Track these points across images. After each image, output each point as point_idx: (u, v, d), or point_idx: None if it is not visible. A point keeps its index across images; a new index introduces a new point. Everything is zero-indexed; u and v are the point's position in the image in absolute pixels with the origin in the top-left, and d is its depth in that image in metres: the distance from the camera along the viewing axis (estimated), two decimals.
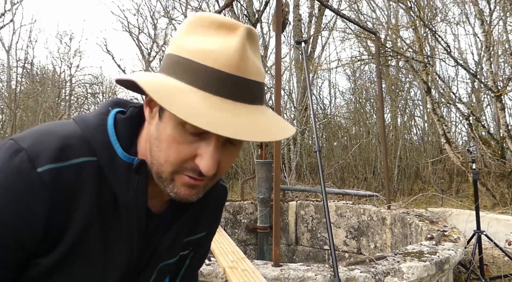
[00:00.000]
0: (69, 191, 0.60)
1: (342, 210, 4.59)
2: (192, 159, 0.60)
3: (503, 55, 7.72)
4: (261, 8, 10.45)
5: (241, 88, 0.59)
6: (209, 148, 0.59)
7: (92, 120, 0.66)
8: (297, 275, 2.16)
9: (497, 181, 6.85)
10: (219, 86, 0.57)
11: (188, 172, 0.61)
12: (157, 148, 0.62)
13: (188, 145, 0.60)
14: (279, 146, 2.53)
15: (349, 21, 6.75)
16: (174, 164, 0.61)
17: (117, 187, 0.64)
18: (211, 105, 0.56)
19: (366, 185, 8.65)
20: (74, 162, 0.61)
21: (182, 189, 0.63)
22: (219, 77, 0.57)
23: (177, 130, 0.59)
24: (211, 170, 0.59)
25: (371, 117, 10.37)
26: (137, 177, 0.65)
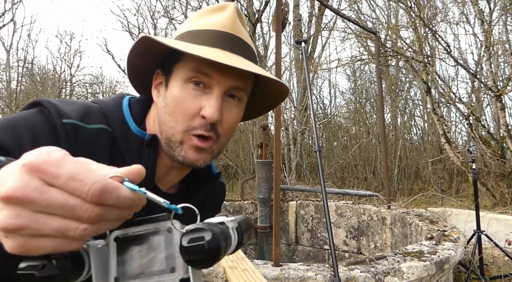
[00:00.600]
0: (86, 150, 0.63)
1: (342, 210, 4.59)
2: (198, 114, 0.66)
3: (503, 55, 7.72)
4: (261, 8, 10.45)
5: (236, 43, 0.69)
6: (212, 97, 0.66)
7: (109, 100, 0.74)
8: (297, 275, 2.17)
9: (497, 181, 6.85)
10: (218, 41, 0.68)
11: (197, 129, 0.66)
12: (165, 114, 0.68)
13: (192, 100, 0.66)
14: (279, 146, 2.53)
15: (349, 21, 6.75)
16: (183, 121, 0.67)
17: (129, 159, 0.68)
18: (213, 51, 0.66)
19: (366, 185, 8.65)
20: (94, 127, 0.66)
21: (189, 152, 0.68)
22: (217, 34, 0.68)
23: (182, 88, 0.67)
24: (215, 115, 0.65)
25: (371, 117, 10.37)
26: (148, 150, 0.69)
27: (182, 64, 0.68)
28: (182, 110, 0.67)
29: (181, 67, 0.68)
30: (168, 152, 0.70)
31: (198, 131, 0.67)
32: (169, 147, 0.69)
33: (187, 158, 0.68)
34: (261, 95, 0.80)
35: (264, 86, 0.77)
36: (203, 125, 0.67)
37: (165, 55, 0.72)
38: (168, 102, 0.68)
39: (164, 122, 0.69)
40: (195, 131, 0.67)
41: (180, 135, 0.67)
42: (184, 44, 0.67)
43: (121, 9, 14.67)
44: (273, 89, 0.77)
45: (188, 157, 0.68)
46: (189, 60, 0.67)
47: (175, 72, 0.69)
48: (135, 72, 0.77)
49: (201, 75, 0.66)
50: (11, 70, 10.42)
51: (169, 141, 0.69)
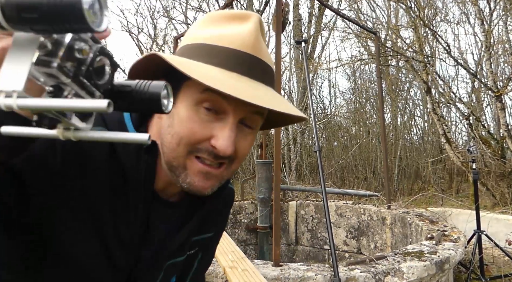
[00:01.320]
0: (84, 154, 0.60)
1: (342, 210, 4.59)
2: (207, 140, 0.59)
3: (503, 55, 7.71)
4: (261, 8, 10.45)
5: (257, 67, 0.61)
6: (226, 127, 0.59)
7: None
8: (297, 275, 2.16)
9: (497, 181, 6.85)
10: (236, 63, 0.59)
11: (203, 153, 0.59)
12: (169, 134, 0.61)
13: (203, 126, 0.59)
14: (279, 146, 2.53)
15: (349, 21, 6.75)
16: (187, 144, 0.59)
17: (127, 164, 0.63)
18: (230, 76, 0.57)
19: (366, 185, 8.65)
20: None
21: (196, 179, 0.61)
22: (236, 55, 0.59)
23: (192, 110, 0.59)
24: (228, 149, 0.58)
25: (371, 117, 10.37)
26: (146, 156, 0.63)
27: (193, 83, 0.59)
28: (188, 134, 0.59)
29: (192, 86, 0.60)
30: (172, 177, 0.63)
31: (204, 155, 0.60)
32: (172, 172, 0.63)
33: (193, 186, 0.61)
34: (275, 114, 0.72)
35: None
36: (210, 152, 0.59)
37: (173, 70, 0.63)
38: (173, 122, 0.61)
39: (166, 143, 0.62)
40: (199, 153, 0.60)
41: (183, 159, 0.60)
42: (197, 65, 0.58)
43: (121, 9, 14.68)
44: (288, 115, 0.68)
45: (195, 185, 0.61)
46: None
47: (184, 90, 0.61)
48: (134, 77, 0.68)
49: (215, 96, 0.58)
50: None
51: (170, 165, 0.62)
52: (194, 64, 0.58)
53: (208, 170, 0.61)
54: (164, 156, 0.63)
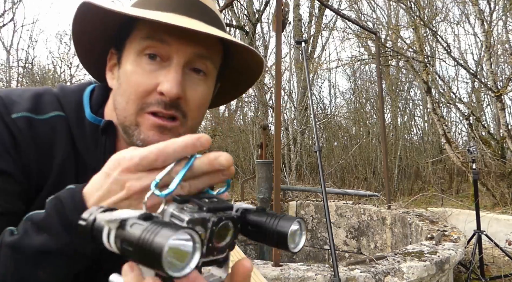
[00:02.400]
0: (44, 141, 0.59)
1: (342, 210, 4.59)
2: (155, 90, 0.58)
3: (503, 55, 7.71)
4: (261, 8, 10.45)
5: (195, 7, 0.60)
6: (169, 70, 0.58)
7: (73, 86, 0.68)
8: (297, 275, 2.16)
9: (497, 181, 6.85)
10: (173, 4, 0.59)
11: (153, 106, 0.58)
12: (118, 96, 0.60)
13: (147, 76, 0.58)
14: (279, 146, 2.53)
15: (349, 21, 6.75)
16: (136, 100, 0.58)
17: (84, 149, 0.61)
18: (167, 15, 0.57)
19: (366, 185, 8.64)
20: (49, 115, 0.61)
21: (150, 133, 0.59)
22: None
23: (135, 62, 0.58)
24: (173, 90, 0.56)
25: (371, 117, 10.37)
26: (104, 138, 0.62)
27: (134, 35, 0.60)
28: (134, 87, 0.58)
29: (133, 39, 0.60)
30: (127, 140, 0.61)
31: (154, 107, 0.58)
32: (126, 134, 0.61)
33: (149, 142, 0.58)
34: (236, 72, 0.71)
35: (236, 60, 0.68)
36: (160, 102, 0.57)
37: (117, 30, 0.62)
38: (121, 82, 0.60)
39: (117, 105, 0.61)
40: (150, 108, 0.58)
41: (133, 117, 0.59)
42: (132, 9, 0.58)
43: None
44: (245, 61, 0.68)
45: (149, 139, 0.58)
46: (142, 29, 0.58)
47: (127, 46, 0.61)
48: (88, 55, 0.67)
49: (155, 42, 0.57)
50: (11, 70, 10.43)
51: (123, 126, 0.60)
52: (128, 9, 0.58)
53: (162, 123, 0.58)
54: (117, 119, 0.61)
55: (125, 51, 0.61)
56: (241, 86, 0.77)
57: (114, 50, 0.64)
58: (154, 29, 0.57)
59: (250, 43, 10.01)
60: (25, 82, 10.75)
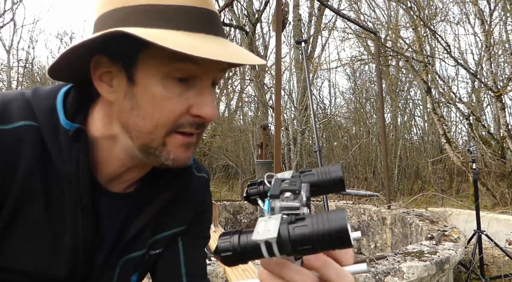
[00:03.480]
0: (8, 154, 0.54)
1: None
2: (186, 112, 0.56)
3: (503, 55, 7.71)
4: (261, 8, 10.45)
5: (215, 21, 0.56)
6: (203, 92, 0.56)
7: (47, 88, 0.62)
8: None
9: (497, 181, 6.85)
10: (196, 21, 0.53)
11: (185, 127, 0.56)
12: (138, 117, 0.56)
13: (179, 99, 0.55)
14: (279, 146, 2.53)
15: (349, 21, 6.75)
16: (168, 125, 0.55)
17: (58, 158, 0.57)
18: (197, 38, 0.52)
19: (366, 185, 8.65)
20: (16, 125, 0.56)
21: (179, 152, 0.58)
22: (192, 12, 0.53)
23: (162, 84, 0.54)
24: (215, 114, 0.56)
25: (371, 117, 10.37)
26: (76, 145, 0.57)
27: (154, 53, 0.52)
28: (166, 113, 0.55)
29: (152, 57, 0.53)
30: (148, 159, 0.59)
31: (186, 129, 0.56)
32: (148, 154, 0.58)
33: (179, 160, 0.58)
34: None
35: None
36: (193, 123, 0.56)
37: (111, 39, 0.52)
38: (141, 103, 0.55)
39: (136, 127, 0.56)
40: (181, 129, 0.56)
41: (162, 139, 0.57)
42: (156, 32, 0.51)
43: None
44: None
45: (180, 158, 0.58)
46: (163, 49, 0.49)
47: (143, 63, 0.54)
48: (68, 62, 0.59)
49: (188, 65, 0.53)
50: (11, 70, 10.43)
51: (147, 147, 0.57)
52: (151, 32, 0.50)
53: (189, 141, 0.58)
54: (135, 140, 0.58)
55: (141, 68, 0.54)
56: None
57: (109, 60, 0.56)
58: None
59: (250, 43, 10.01)
60: (25, 82, 10.75)
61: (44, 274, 0.59)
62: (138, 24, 0.52)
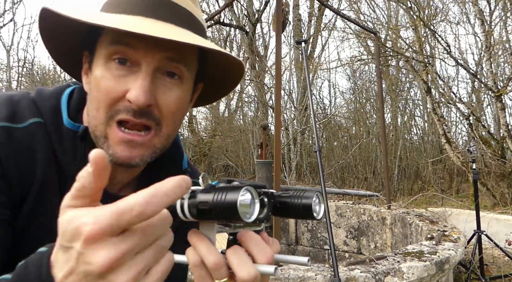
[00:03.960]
0: (24, 151, 0.57)
1: (342, 210, 4.59)
2: (124, 97, 0.55)
3: (503, 55, 7.71)
4: (261, 8, 10.45)
5: (165, 8, 0.57)
6: (138, 77, 0.55)
7: (51, 89, 0.64)
8: (297, 275, 2.16)
9: (497, 181, 6.85)
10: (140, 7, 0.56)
11: (122, 113, 0.55)
12: (89, 102, 0.58)
13: (116, 81, 0.55)
14: (279, 146, 2.53)
15: (349, 21, 6.75)
16: (105, 107, 0.56)
17: (62, 156, 0.59)
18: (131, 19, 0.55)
19: (366, 185, 8.64)
20: (27, 124, 0.58)
21: (118, 149, 0.56)
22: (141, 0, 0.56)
23: (103, 67, 0.56)
24: (140, 98, 0.53)
25: (371, 117, 10.37)
26: (83, 144, 0.59)
27: (103, 39, 0.57)
28: (104, 94, 0.55)
29: (101, 43, 0.57)
30: None
31: (123, 115, 0.55)
32: (97, 144, 0.58)
33: (118, 157, 0.56)
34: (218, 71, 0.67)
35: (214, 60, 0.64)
36: (129, 109, 0.55)
37: (87, 33, 0.59)
38: (91, 87, 0.58)
39: (88, 112, 0.59)
40: (119, 115, 0.55)
41: (103, 127, 0.56)
42: (97, 14, 0.55)
43: None
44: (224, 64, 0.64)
45: (118, 155, 0.56)
46: (108, 33, 0.55)
47: (97, 50, 0.58)
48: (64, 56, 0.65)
49: (122, 47, 0.55)
50: (11, 70, 10.43)
51: (94, 135, 0.58)
52: (92, 13, 0.55)
53: (130, 138, 0.56)
54: (89, 127, 0.59)
55: (96, 56, 0.58)
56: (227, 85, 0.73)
57: (88, 53, 0.61)
58: (119, 33, 0.52)
59: (250, 43, 10.01)
60: (25, 82, 10.75)
61: None
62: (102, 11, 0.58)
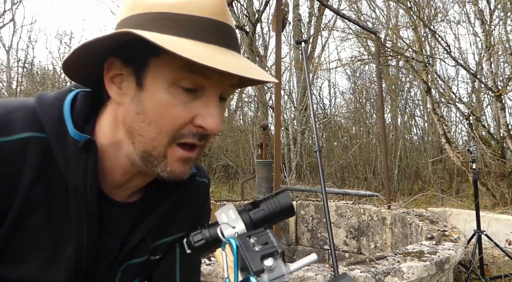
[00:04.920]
0: (8, 166, 0.54)
1: (342, 210, 4.59)
2: (190, 122, 0.55)
3: (503, 55, 7.71)
4: (261, 8, 10.45)
5: (230, 35, 0.56)
6: (210, 104, 0.55)
7: (51, 95, 0.61)
8: (297, 274, 2.16)
9: (497, 181, 6.85)
10: (212, 33, 0.54)
11: (186, 137, 0.56)
12: (143, 123, 0.55)
13: (183, 107, 0.54)
14: (279, 146, 2.53)
15: (349, 21, 6.75)
16: (170, 132, 0.55)
17: (65, 168, 0.57)
18: (208, 49, 0.52)
19: (366, 185, 8.64)
20: (18, 137, 0.55)
21: (176, 166, 0.57)
22: (209, 24, 0.53)
23: (168, 92, 0.54)
24: (219, 126, 0.55)
25: (371, 117, 10.37)
26: (86, 156, 0.57)
27: (166, 59, 0.53)
28: (170, 120, 0.54)
29: (162, 64, 0.54)
30: (146, 167, 0.58)
31: (188, 139, 0.56)
32: (147, 162, 0.58)
33: (175, 174, 0.58)
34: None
35: None
36: (195, 134, 0.56)
37: (125, 41, 0.54)
38: (145, 109, 0.55)
39: (140, 132, 0.56)
40: (183, 139, 0.56)
41: (164, 148, 0.56)
42: (170, 39, 0.52)
43: None
44: None
45: (176, 172, 0.58)
46: (177, 58, 0.50)
47: (153, 69, 0.54)
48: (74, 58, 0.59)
49: (196, 76, 0.53)
50: (11, 71, 10.43)
51: (148, 155, 0.57)
52: (166, 37, 0.51)
53: (189, 156, 0.58)
54: (137, 145, 0.57)
55: (151, 73, 0.54)
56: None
57: (122, 62, 0.57)
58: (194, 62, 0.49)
59: (250, 43, 10.01)
60: (25, 82, 10.75)
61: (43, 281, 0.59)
62: (154, 30, 0.52)
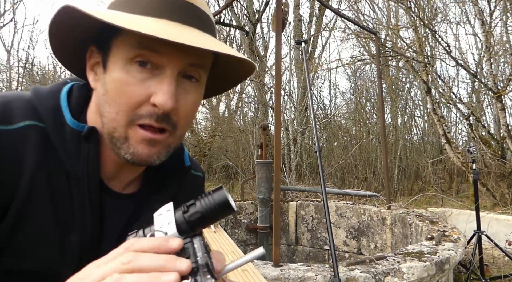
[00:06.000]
0: (11, 155, 0.54)
1: (342, 210, 4.59)
2: (147, 101, 0.55)
3: (503, 55, 7.71)
4: (261, 8, 10.45)
5: (188, 11, 0.56)
6: (163, 80, 0.55)
7: (47, 87, 0.62)
8: (297, 275, 2.16)
9: (497, 181, 6.85)
10: (163, 9, 0.54)
11: (145, 118, 0.55)
12: (106, 103, 0.57)
13: (139, 85, 0.55)
14: (279, 146, 2.53)
15: (349, 21, 6.75)
16: (127, 111, 0.55)
17: (66, 157, 0.58)
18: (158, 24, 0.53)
19: (366, 185, 8.64)
20: (18, 126, 0.56)
21: (139, 147, 0.57)
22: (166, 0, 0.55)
23: (124, 70, 0.55)
24: (168, 103, 0.54)
25: (371, 117, 10.37)
26: (87, 145, 0.58)
27: (123, 39, 0.55)
28: (125, 98, 0.55)
29: (121, 43, 0.55)
30: (114, 150, 0.59)
31: (146, 120, 0.55)
32: (113, 144, 0.58)
33: (138, 155, 0.57)
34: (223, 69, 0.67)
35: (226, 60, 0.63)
36: (153, 114, 0.55)
37: (99, 28, 0.57)
38: (108, 88, 0.56)
39: (104, 114, 0.57)
40: (141, 120, 0.56)
41: (123, 129, 0.56)
42: (120, 15, 0.53)
43: None
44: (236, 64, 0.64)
45: (139, 153, 0.57)
46: (131, 34, 0.53)
47: (114, 49, 0.56)
48: (63, 48, 0.61)
49: (147, 52, 0.54)
50: (12, 71, 10.43)
51: (111, 137, 0.58)
52: (115, 13, 0.54)
53: (152, 137, 0.56)
54: (104, 127, 0.58)
55: (112, 54, 0.56)
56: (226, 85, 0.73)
57: (96, 49, 0.59)
58: (145, 37, 0.50)
59: (250, 43, 10.01)
60: (25, 83, 10.75)
61: (50, 271, 0.59)
62: (118, 9, 0.56)
